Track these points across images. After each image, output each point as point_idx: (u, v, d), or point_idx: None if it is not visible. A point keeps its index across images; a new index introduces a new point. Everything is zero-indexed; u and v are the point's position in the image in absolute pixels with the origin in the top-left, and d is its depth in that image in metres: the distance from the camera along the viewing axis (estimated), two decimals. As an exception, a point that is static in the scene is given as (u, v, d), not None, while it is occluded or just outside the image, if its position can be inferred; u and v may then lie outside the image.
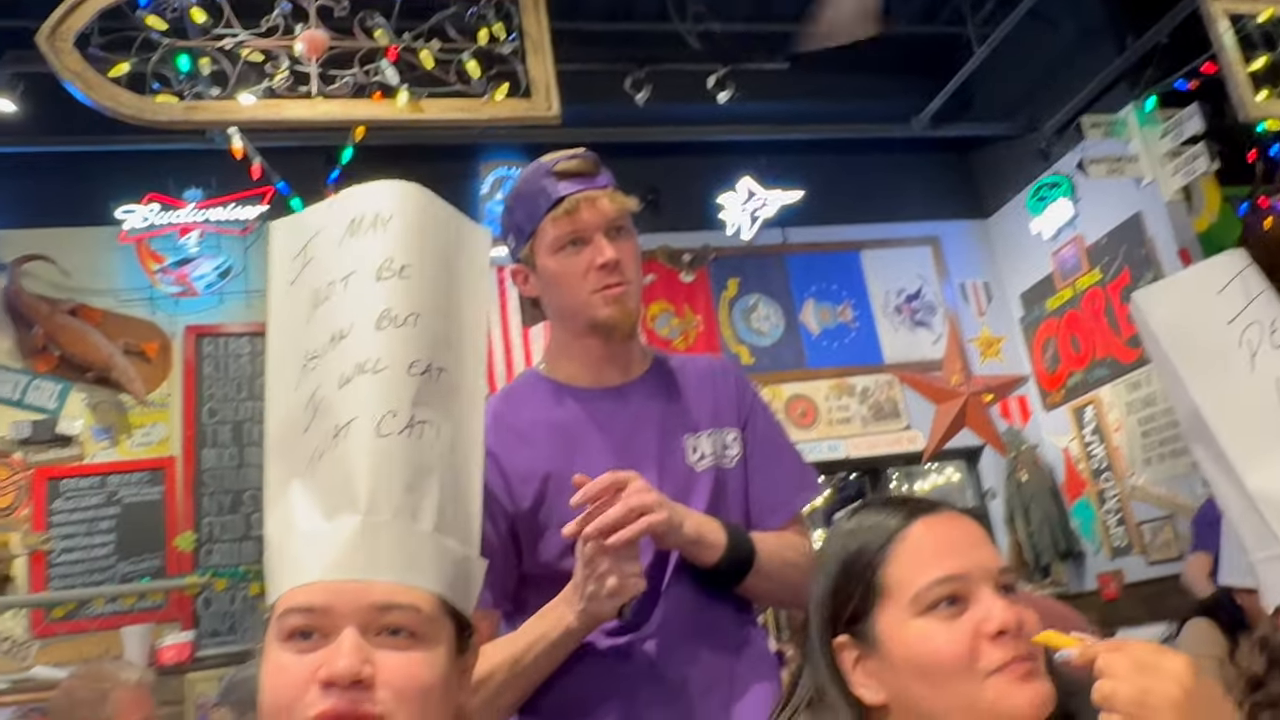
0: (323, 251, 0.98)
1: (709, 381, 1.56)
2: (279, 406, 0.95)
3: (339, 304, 0.95)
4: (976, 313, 6.31)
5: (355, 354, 0.92)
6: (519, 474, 1.39)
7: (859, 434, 5.85)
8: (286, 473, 0.92)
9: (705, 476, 1.46)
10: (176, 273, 5.09)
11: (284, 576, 0.87)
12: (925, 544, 1.00)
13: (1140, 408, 5.36)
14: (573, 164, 1.44)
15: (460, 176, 5.65)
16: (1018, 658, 0.93)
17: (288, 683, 0.82)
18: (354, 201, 1.00)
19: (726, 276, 6.01)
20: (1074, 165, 5.50)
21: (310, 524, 0.88)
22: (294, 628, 0.84)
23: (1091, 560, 5.73)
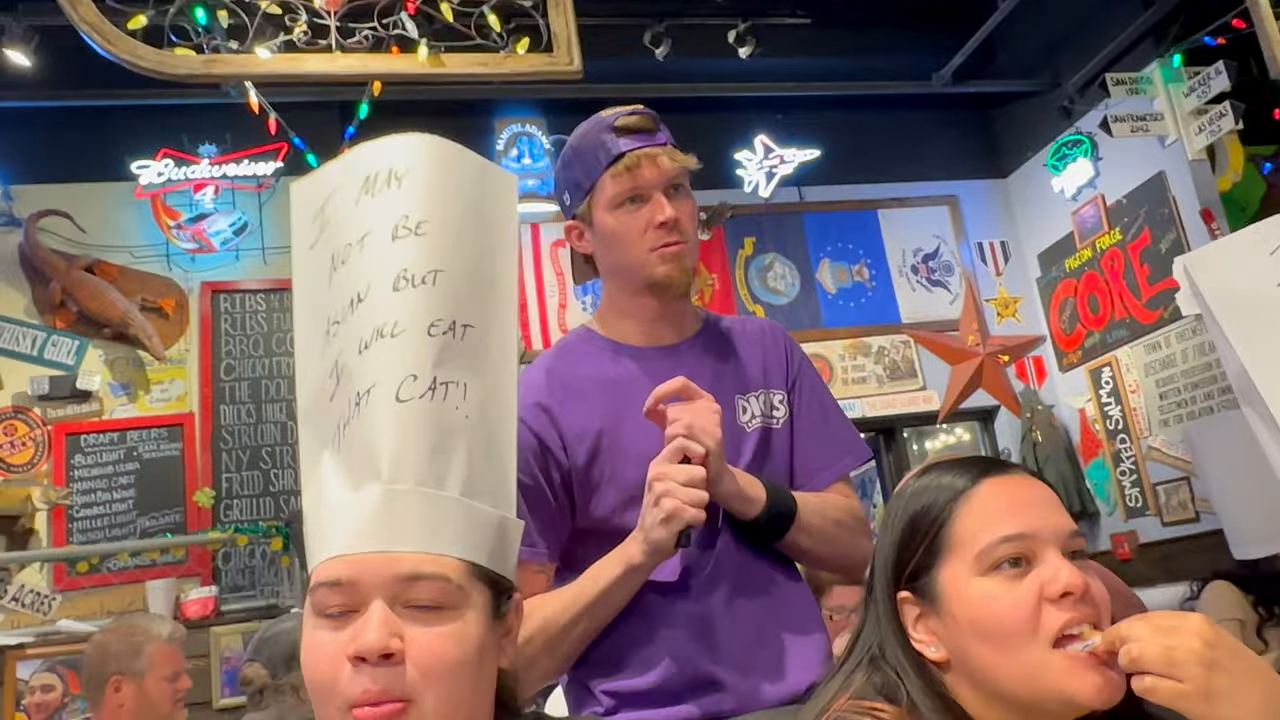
0: (340, 212, 0.95)
1: (759, 343, 1.56)
2: (308, 375, 0.94)
3: (356, 266, 0.92)
4: (994, 273, 6.27)
5: (373, 318, 0.90)
6: (573, 430, 1.40)
7: (874, 394, 5.84)
8: (318, 443, 0.91)
9: (754, 436, 1.47)
10: (192, 229, 5.07)
11: (315, 549, 0.86)
12: (992, 503, 1.00)
13: (1158, 369, 5.34)
14: (633, 119, 1.43)
15: (475, 132, 5.60)
16: (1076, 620, 0.92)
17: (323, 660, 0.82)
18: (368, 158, 0.96)
19: (743, 235, 5.97)
20: (1096, 123, 5.43)
21: (337, 495, 0.87)
22: (323, 602, 0.83)
23: (1105, 521, 5.74)
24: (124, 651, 2.49)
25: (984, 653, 0.95)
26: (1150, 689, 0.85)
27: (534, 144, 5.58)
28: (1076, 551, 0.98)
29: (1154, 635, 0.86)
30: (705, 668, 1.35)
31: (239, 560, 4.74)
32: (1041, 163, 6.03)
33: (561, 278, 5.64)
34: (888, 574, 1.03)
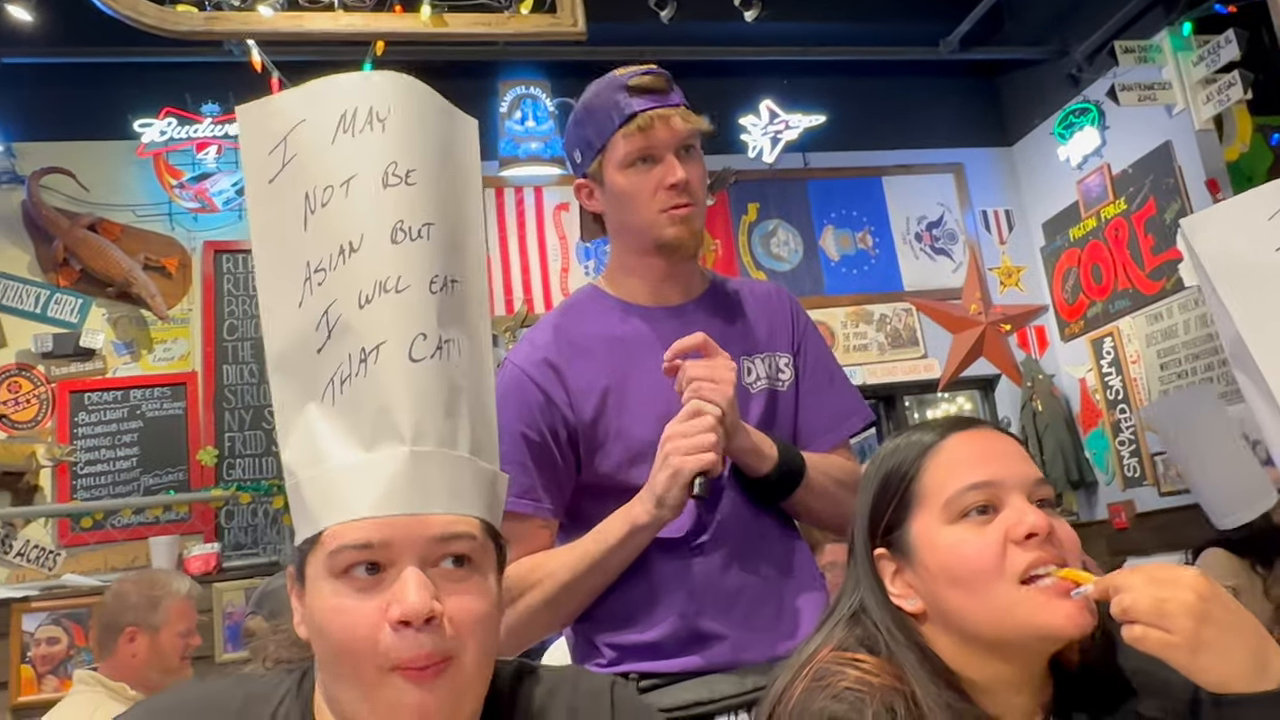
0: (309, 148, 0.89)
1: (764, 306, 1.58)
2: (280, 322, 0.88)
3: (343, 212, 0.88)
4: (998, 241, 6.25)
5: (372, 270, 0.87)
6: (579, 387, 1.42)
7: (876, 361, 5.85)
8: (299, 395, 0.87)
9: (759, 397, 1.49)
10: (195, 188, 5.06)
11: (325, 510, 0.83)
12: (959, 454, 1.03)
13: (1160, 340, 5.34)
14: (647, 79, 1.43)
15: (478, 94, 5.57)
16: (1042, 560, 0.95)
17: (354, 624, 0.81)
18: (340, 93, 0.91)
19: (746, 200, 5.96)
20: (1104, 92, 5.39)
21: (348, 456, 0.84)
22: (349, 563, 0.81)
23: (1104, 490, 5.77)
24: (142, 604, 2.54)
25: (956, 597, 0.98)
26: (1140, 638, 0.87)
27: (538, 106, 5.55)
28: (1044, 500, 1.00)
29: (1146, 586, 0.88)
30: (708, 623, 1.37)
31: (241, 518, 4.78)
32: (1048, 131, 6.00)
33: (564, 241, 5.63)
34: (865, 531, 1.06)
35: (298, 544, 0.87)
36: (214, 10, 3.19)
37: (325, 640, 0.82)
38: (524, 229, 5.62)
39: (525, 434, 1.39)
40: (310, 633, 0.85)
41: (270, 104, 0.92)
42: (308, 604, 0.85)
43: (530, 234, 5.61)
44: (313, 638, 0.85)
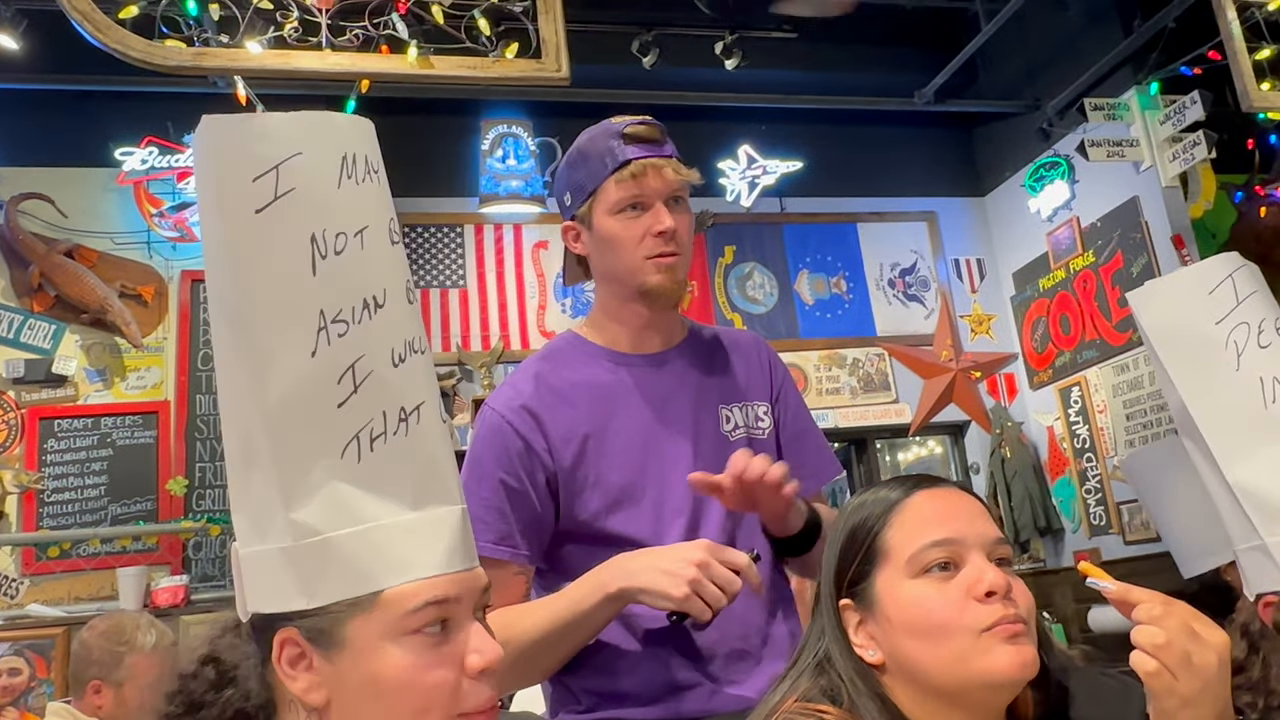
0: (312, 186, 0.86)
1: (742, 355, 1.60)
2: (286, 368, 0.84)
3: (362, 263, 0.86)
4: (969, 289, 6.36)
5: (400, 329, 0.87)
6: (559, 434, 1.43)
7: (848, 405, 5.91)
8: (308, 449, 0.83)
9: (738, 445, 1.50)
10: (174, 217, 5.07)
11: (385, 570, 0.83)
12: (923, 512, 1.06)
13: (1126, 390, 5.44)
14: (642, 129, 1.46)
15: (461, 132, 5.64)
16: (1005, 618, 0.98)
17: (439, 679, 0.83)
18: (339, 134, 0.89)
19: (723, 243, 6.03)
20: (1074, 147, 5.52)
21: (396, 515, 0.84)
22: (427, 621, 0.83)
23: (1070, 538, 5.83)
24: (105, 659, 2.48)
25: (915, 649, 1.01)
26: (1151, 673, 0.91)
27: (519, 145, 5.62)
28: (1002, 559, 1.04)
29: (1182, 634, 0.91)
30: (684, 673, 1.38)
31: (210, 550, 4.74)
32: (1019, 183, 6.12)
33: (542, 279, 5.67)
34: (831, 583, 1.10)
35: (324, 604, 0.83)
36: (202, 46, 3.22)
37: (404, 698, 0.82)
38: (502, 265, 5.66)
39: (504, 480, 1.41)
40: (368, 693, 0.83)
41: (254, 125, 0.87)
42: (355, 665, 0.83)
43: (509, 271, 5.65)
44: (373, 697, 0.82)
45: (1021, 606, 1.00)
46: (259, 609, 0.85)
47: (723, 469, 1.40)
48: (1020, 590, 1.02)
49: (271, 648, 0.85)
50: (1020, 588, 1.02)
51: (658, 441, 1.46)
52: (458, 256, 5.63)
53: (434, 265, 5.60)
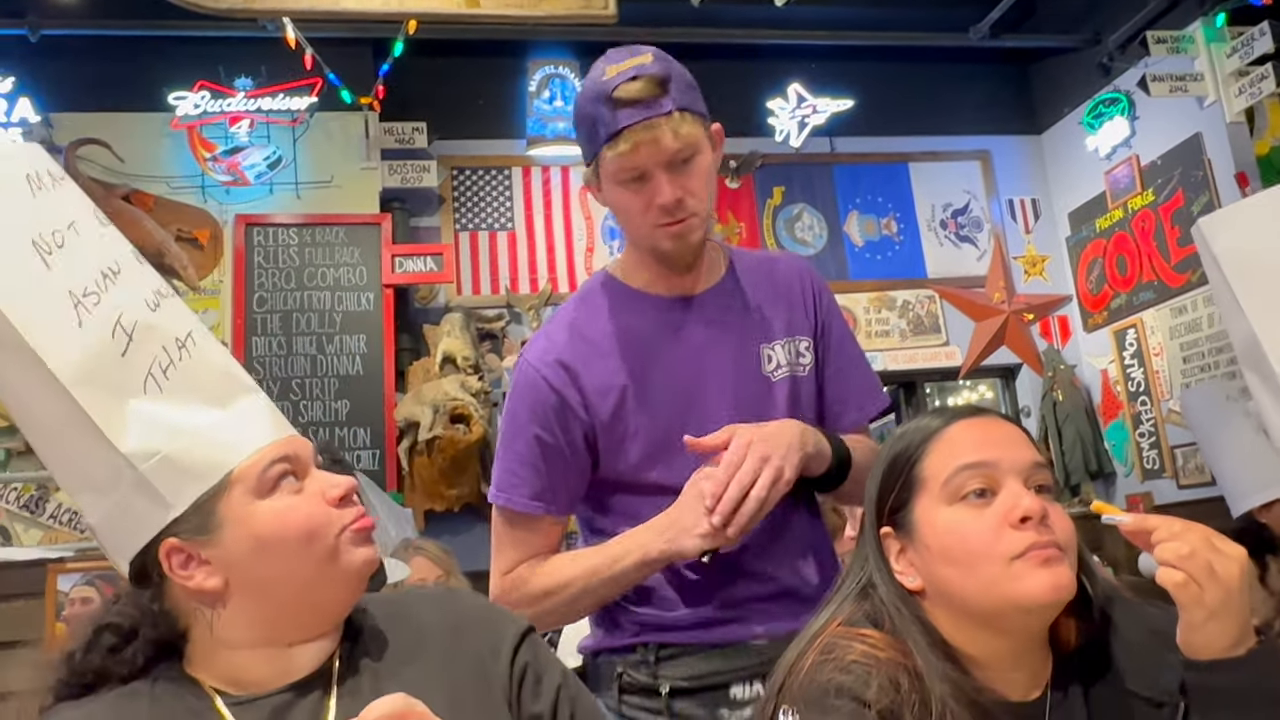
0: (10, 204, 0.99)
1: (785, 288, 1.54)
2: (63, 346, 0.95)
3: (84, 247, 1.00)
4: (1023, 230, 6.24)
5: (144, 284, 1.02)
6: (595, 387, 1.42)
7: (897, 347, 5.87)
8: (113, 396, 0.95)
9: (781, 385, 1.48)
10: (228, 161, 5.14)
11: (225, 454, 0.97)
12: (960, 439, 1.08)
13: (1183, 333, 5.33)
14: (634, 88, 1.32)
15: (507, 73, 5.62)
16: (1037, 544, 0.99)
17: (310, 513, 0.98)
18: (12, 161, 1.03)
19: (772, 184, 5.97)
20: (1134, 82, 5.37)
21: (211, 416, 0.98)
22: (279, 476, 0.98)
23: (1122, 481, 5.78)
24: None
25: (952, 575, 1.03)
26: (1178, 584, 0.93)
27: (566, 85, 5.58)
28: (1042, 485, 1.04)
29: (1204, 546, 0.93)
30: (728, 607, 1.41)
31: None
32: (1077, 120, 5.97)
33: (590, 221, 5.67)
34: (873, 511, 1.12)
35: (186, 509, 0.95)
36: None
37: (286, 539, 0.96)
38: (550, 208, 5.66)
39: (539, 435, 1.42)
40: (255, 548, 0.95)
41: None
42: (236, 536, 0.95)
43: (556, 213, 5.66)
44: (262, 551, 0.96)
45: (1059, 532, 1.01)
46: (135, 547, 0.97)
47: (764, 411, 1.42)
48: (1058, 516, 1.02)
49: (162, 577, 0.97)
50: (1059, 513, 1.02)
51: (697, 388, 1.44)
52: (506, 199, 5.64)
53: (482, 208, 5.62)
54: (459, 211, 5.59)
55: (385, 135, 5.31)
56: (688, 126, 1.36)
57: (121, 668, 0.98)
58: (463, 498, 4.92)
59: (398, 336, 5.15)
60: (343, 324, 5.08)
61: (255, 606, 0.97)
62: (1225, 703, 0.92)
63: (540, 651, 1.06)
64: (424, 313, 5.38)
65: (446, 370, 5.01)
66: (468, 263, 5.51)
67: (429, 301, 5.41)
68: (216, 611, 0.97)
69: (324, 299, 5.10)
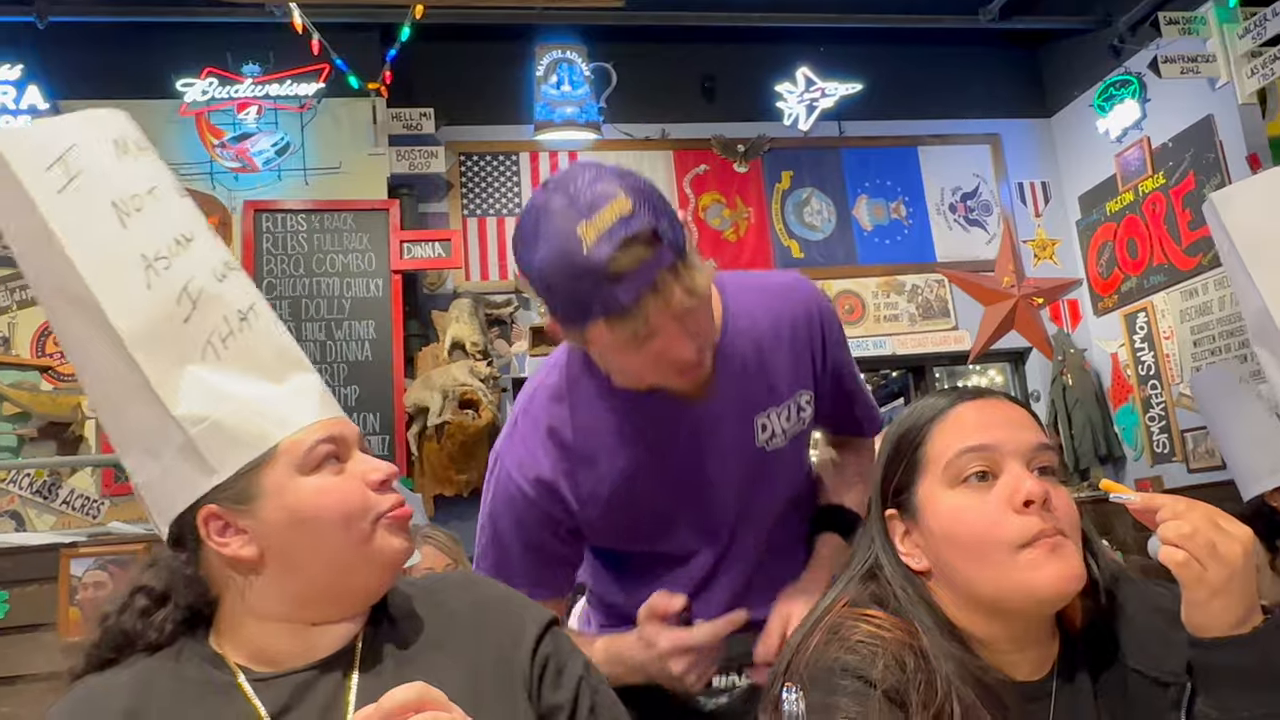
0: (99, 164, 1.02)
1: (787, 342, 1.38)
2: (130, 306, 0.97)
3: (161, 213, 1.02)
4: (1033, 214, 6.22)
5: (214, 255, 1.04)
6: (581, 497, 1.34)
7: (906, 331, 5.86)
8: (172, 360, 0.97)
9: (775, 452, 1.39)
10: (236, 148, 5.14)
11: (274, 428, 0.98)
12: (963, 421, 1.07)
13: (1194, 316, 5.31)
14: (627, 259, 1.10)
15: (514, 58, 5.60)
16: (1044, 531, 0.99)
17: (347, 494, 0.99)
18: (100, 125, 1.05)
19: (780, 169, 5.95)
20: (1146, 64, 5.33)
21: (264, 389, 1.00)
22: (324, 456, 0.99)
23: (1132, 465, 5.76)
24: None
25: (957, 560, 1.03)
26: (1180, 563, 0.92)
27: (574, 70, 5.57)
28: (1045, 467, 1.04)
29: (1207, 525, 0.93)
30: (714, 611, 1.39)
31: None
32: (1088, 103, 5.93)
33: (598, 207, 5.66)
34: (878, 493, 1.12)
35: (228, 476, 0.96)
36: (258, -27, 3.24)
37: (325, 518, 0.97)
38: (558, 193, 5.65)
39: (527, 544, 1.37)
40: (292, 523, 0.97)
41: (30, 134, 1.04)
42: (275, 507, 0.97)
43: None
44: (298, 526, 0.97)
45: (1062, 517, 1.00)
46: (176, 510, 0.98)
47: (761, 480, 1.39)
48: (1061, 499, 1.02)
49: (199, 542, 0.98)
50: (1062, 497, 1.02)
51: (691, 480, 1.36)
52: (514, 185, 5.64)
53: (490, 193, 5.62)
54: (467, 197, 5.59)
55: (393, 121, 5.31)
56: (691, 273, 1.16)
57: (151, 632, 1.00)
58: (472, 483, 4.93)
59: (406, 322, 5.17)
60: (351, 310, 5.09)
61: (288, 580, 0.98)
62: (1230, 680, 0.92)
63: (563, 643, 1.06)
64: (433, 298, 5.39)
65: (455, 356, 5.02)
66: (476, 248, 5.51)
67: (437, 287, 5.42)
68: (249, 580, 0.98)
69: (333, 285, 5.11)
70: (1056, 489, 1.02)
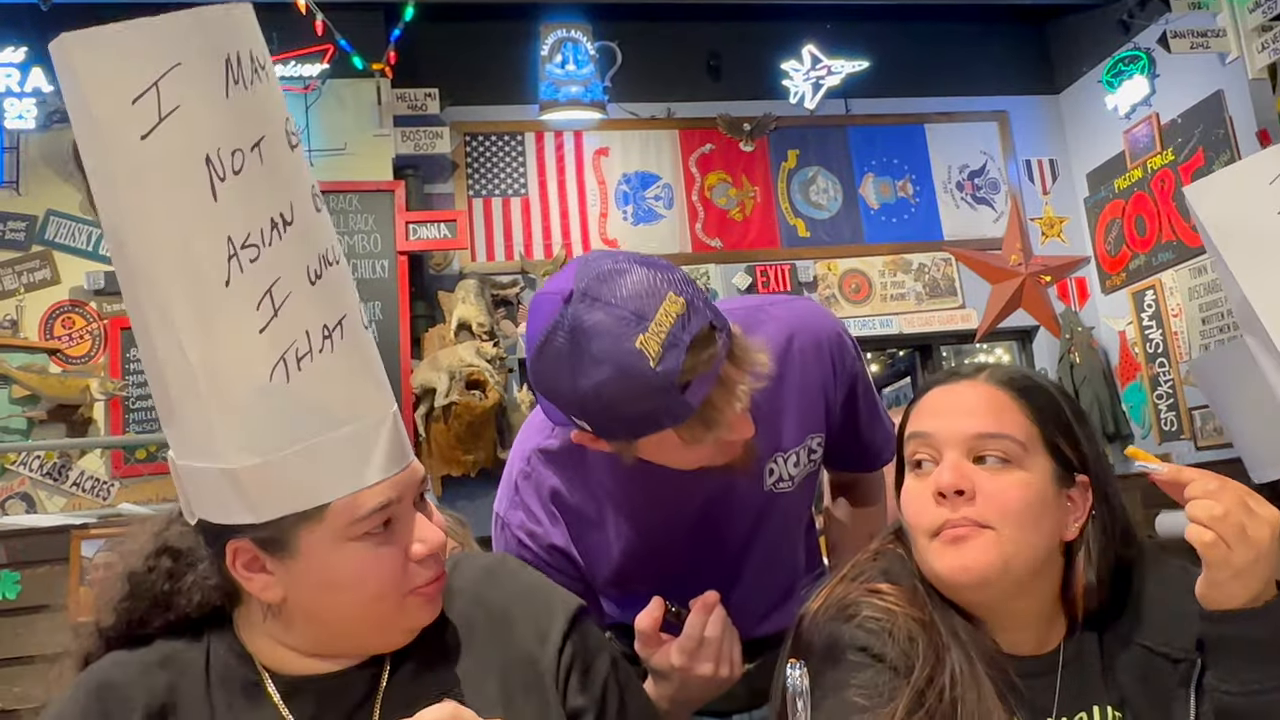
0: (198, 101, 0.78)
1: (800, 382, 1.32)
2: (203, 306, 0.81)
3: (263, 180, 0.81)
4: (1041, 191, 6.18)
5: (314, 243, 0.85)
6: (589, 554, 1.31)
7: (913, 310, 5.85)
8: (235, 377, 0.83)
9: (783, 493, 1.36)
10: (240, 129, 5.12)
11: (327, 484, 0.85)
12: (924, 406, 1.09)
13: (1202, 293, 5.29)
14: (697, 364, 1.01)
15: (519, 37, 5.57)
16: (949, 523, 0.99)
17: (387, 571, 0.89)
18: (214, 33, 0.80)
19: (786, 147, 5.92)
20: (1155, 39, 5.28)
21: (329, 429, 0.84)
22: (374, 525, 0.87)
23: (1139, 443, 5.75)
24: None
25: (913, 540, 1.06)
26: (1207, 543, 0.92)
27: (579, 49, 5.54)
28: (988, 455, 1.01)
29: (1239, 508, 0.92)
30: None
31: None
32: (1096, 79, 5.89)
33: (603, 186, 5.65)
34: (896, 464, 1.13)
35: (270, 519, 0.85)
36: (261, -48, 3.22)
37: (358, 591, 0.88)
38: (563, 173, 5.64)
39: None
40: (324, 587, 0.88)
41: (122, 37, 0.77)
42: (309, 568, 0.87)
43: (570, 178, 5.63)
44: (328, 591, 0.88)
45: (984, 508, 0.99)
46: (207, 518, 0.88)
47: (766, 521, 1.36)
48: (995, 489, 0.99)
49: (224, 552, 0.88)
50: (997, 486, 0.99)
51: (700, 530, 1.33)
52: (519, 165, 5.62)
53: (495, 174, 5.60)
54: (472, 178, 5.58)
55: (398, 102, 5.29)
56: (752, 361, 1.08)
57: (180, 599, 0.92)
58: (479, 463, 4.94)
59: (413, 303, 5.16)
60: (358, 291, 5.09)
61: (307, 626, 0.92)
62: (1241, 653, 0.93)
63: (590, 639, 1.00)
64: (439, 279, 5.39)
65: (462, 337, 5.02)
66: (482, 229, 5.50)
67: (443, 268, 5.42)
68: (268, 608, 0.92)
69: (338, 266, 5.10)
70: (997, 477, 1.00)
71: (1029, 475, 1.01)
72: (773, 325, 1.30)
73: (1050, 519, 1.01)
